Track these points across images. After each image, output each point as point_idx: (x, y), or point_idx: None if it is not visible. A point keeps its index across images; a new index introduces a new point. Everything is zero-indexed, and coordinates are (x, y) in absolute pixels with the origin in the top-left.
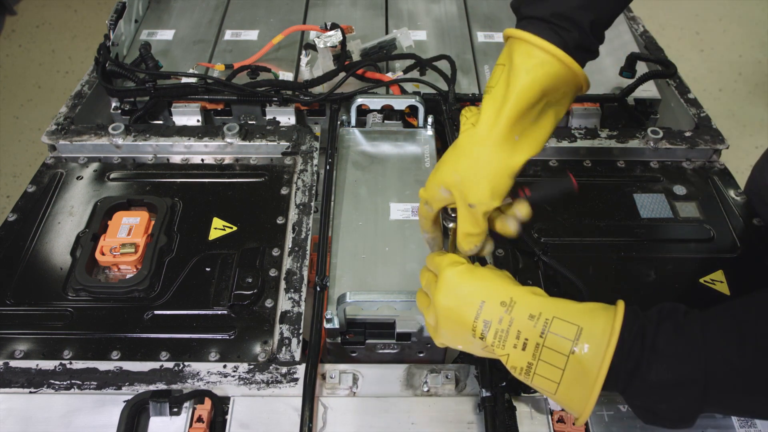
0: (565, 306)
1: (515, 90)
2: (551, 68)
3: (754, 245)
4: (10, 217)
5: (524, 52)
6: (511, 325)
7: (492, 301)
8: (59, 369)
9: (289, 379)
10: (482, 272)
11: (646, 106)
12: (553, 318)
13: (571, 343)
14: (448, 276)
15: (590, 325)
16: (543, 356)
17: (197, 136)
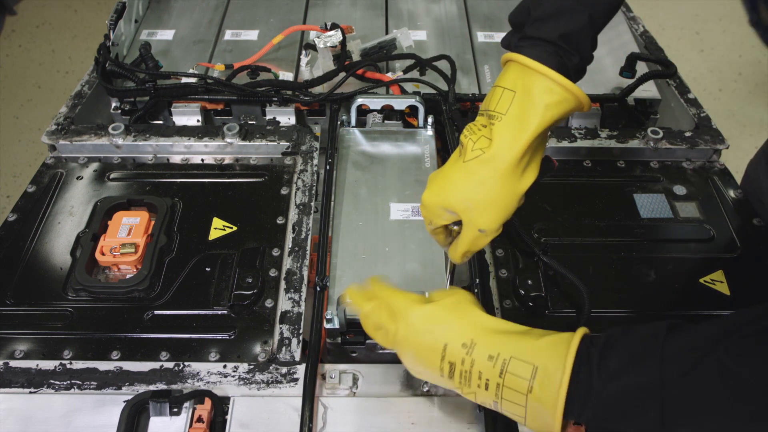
0: (523, 344)
1: (534, 124)
2: (569, 105)
3: (754, 245)
4: (10, 217)
5: (545, 88)
6: (472, 366)
7: (454, 343)
8: (59, 369)
9: (289, 379)
10: (443, 314)
11: (646, 106)
12: (510, 358)
13: (528, 382)
14: (412, 321)
15: (545, 363)
16: (505, 395)
17: (197, 136)
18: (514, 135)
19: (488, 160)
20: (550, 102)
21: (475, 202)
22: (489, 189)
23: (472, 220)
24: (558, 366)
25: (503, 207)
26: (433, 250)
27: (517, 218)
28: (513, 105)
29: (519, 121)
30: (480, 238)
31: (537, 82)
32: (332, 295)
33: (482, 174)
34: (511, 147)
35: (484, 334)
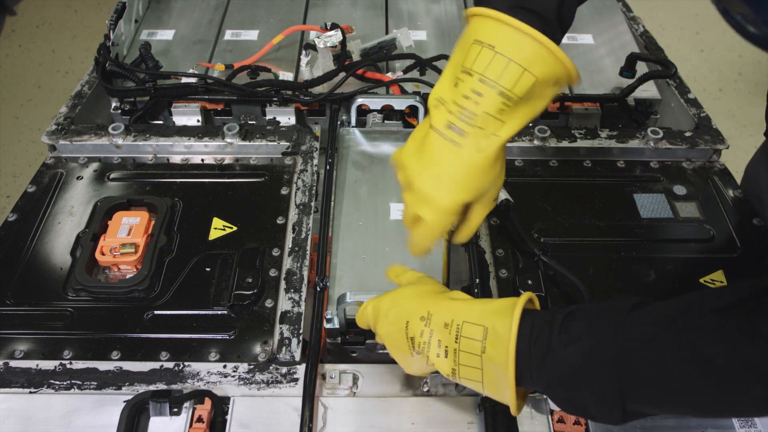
0: (474, 308)
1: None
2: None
3: (754, 245)
4: (10, 217)
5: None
6: (431, 336)
7: (413, 318)
8: (59, 369)
9: (289, 379)
10: (402, 294)
11: (646, 106)
12: (463, 322)
13: (480, 343)
14: (381, 308)
15: (494, 323)
16: (461, 360)
17: (197, 136)
18: (525, 118)
19: (498, 144)
20: (555, 89)
21: (492, 183)
22: (500, 164)
23: (488, 202)
24: (506, 324)
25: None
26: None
27: (517, 218)
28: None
29: (531, 105)
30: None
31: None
32: (332, 295)
33: (494, 157)
34: (517, 129)
35: (439, 305)
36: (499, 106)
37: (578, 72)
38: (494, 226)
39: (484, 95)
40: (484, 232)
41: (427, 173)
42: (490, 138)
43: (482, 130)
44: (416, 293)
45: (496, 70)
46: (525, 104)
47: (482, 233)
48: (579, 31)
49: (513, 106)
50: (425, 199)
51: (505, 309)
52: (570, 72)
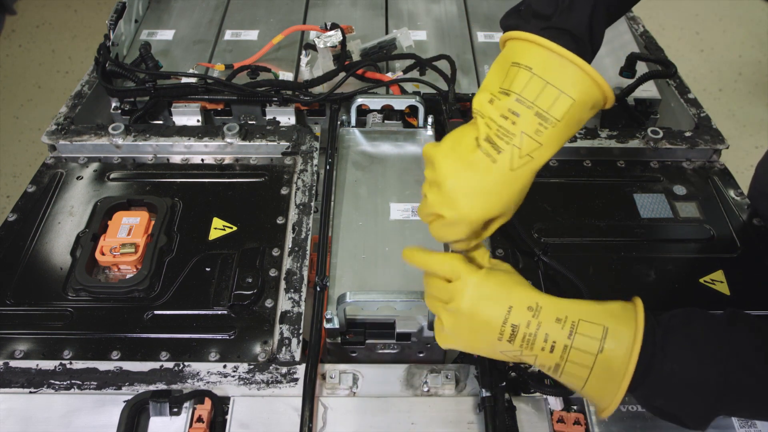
0: (588, 308)
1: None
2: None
3: (754, 245)
4: (10, 217)
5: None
6: (539, 328)
7: (519, 306)
8: (59, 369)
9: (289, 379)
10: (504, 277)
11: (646, 106)
12: (579, 320)
13: (599, 342)
14: (473, 282)
15: (615, 325)
16: (571, 357)
17: (197, 136)
18: (561, 141)
19: (533, 166)
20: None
21: (517, 205)
22: (527, 188)
23: (506, 218)
24: (629, 328)
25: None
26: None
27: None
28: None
29: (567, 128)
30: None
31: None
32: (332, 295)
33: (527, 179)
34: (552, 153)
35: (548, 299)
36: (536, 127)
37: (614, 94)
38: None
39: (521, 115)
40: None
41: (462, 180)
42: (524, 158)
43: (519, 150)
44: (516, 280)
45: (534, 92)
46: (563, 129)
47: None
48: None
49: (550, 128)
50: (452, 204)
51: (624, 312)
52: (606, 94)
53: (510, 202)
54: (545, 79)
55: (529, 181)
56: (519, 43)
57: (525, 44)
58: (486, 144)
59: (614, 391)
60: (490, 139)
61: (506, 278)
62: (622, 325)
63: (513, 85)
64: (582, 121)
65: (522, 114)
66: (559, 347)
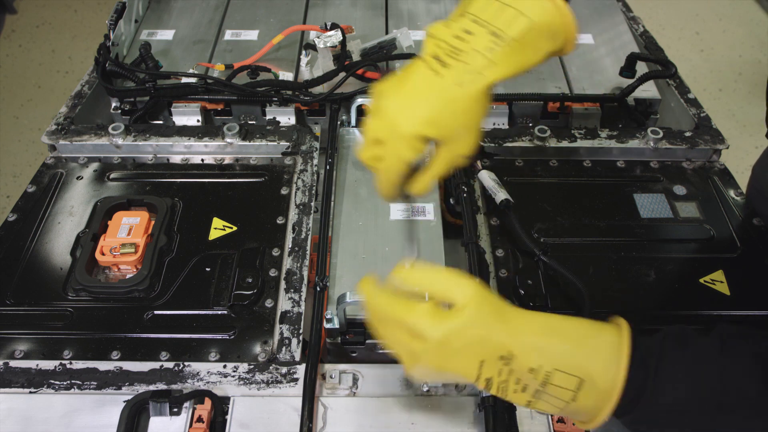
0: (566, 352)
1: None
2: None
3: (754, 245)
4: (10, 217)
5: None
6: (510, 375)
7: (491, 358)
8: (59, 369)
9: (289, 379)
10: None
11: (646, 106)
12: (553, 371)
13: (572, 393)
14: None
15: (591, 375)
16: (544, 399)
17: (197, 136)
18: (515, 66)
19: (482, 83)
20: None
21: (467, 128)
22: (479, 113)
23: (457, 148)
24: (606, 378)
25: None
26: (433, 250)
27: (517, 218)
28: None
29: (522, 50)
30: (458, 161)
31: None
32: (332, 295)
33: (474, 96)
34: (505, 74)
35: (521, 344)
36: (488, 44)
37: (576, 26)
38: (494, 226)
39: (475, 34)
40: (485, 232)
41: (399, 95)
42: (473, 74)
43: (466, 65)
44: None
45: (491, 12)
46: (518, 50)
47: (482, 233)
48: (579, 31)
49: (505, 47)
50: (388, 121)
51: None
52: (567, 22)
53: (455, 122)
54: (505, 2)
55: (478, 103)
56: None
57: None
58: (432, 60)
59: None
60: (438, 57)
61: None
62: (600, 378)
63: (470, 6)
64: (539, 50)
65: (476, 32)
66: (531, 389)
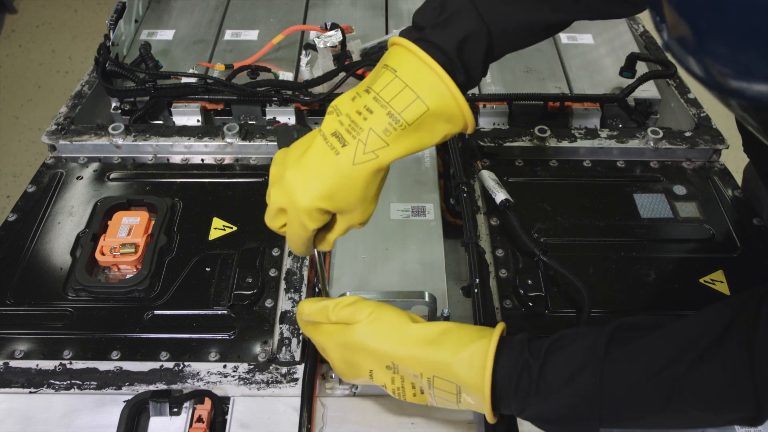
0: (441, 362)
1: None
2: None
3: (754, 245)
4: (10, 217)
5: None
6: (403, 381)
7: (378, 368)
8: (59, 369)
9: (289, 379)
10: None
11: (646, 106)
12: (433, 377)
13: (455, 397)
14: (332, 351)
15: (465, 381)
16: (437, 401)
17: (197, 136)
18: (410, 147)
19: (375, 164)
20: (448, 128)
21: (362, 202)
22: (373, 188)
23: (353, 218)
24: (478, 385)
25: (375, 199)
26: (433, 250)
27: (516, 218)
28: (416, 113)
29: (417, 134)
30: (356, 227)
31: (443, 97)
32: (332, 295)
33: (368, 175)
34: (399, 155)
35: (401, 355)
36: (384, 126)
37: (473, 117)
38: (494, 226)
39: (374, 113)
40: (485, 232)
41: (299, 170)
42: (368, 155)
43: (363, 145)
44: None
45: (391, 92)
46: (413, 133)
47: (482, 233)
48: (579, 31)
49: (400, 130)
50: (288, 193)
51: (477, 361)
52: (463, 111)
53: (350, 197)
54: (405, 82)
55: (373, 181)
56: (395, 48)
57: (399, 49)
58: (332, 138)
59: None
60: (338, 134)
61: (361, 338)
62: (472, 382)
63: (375, 84)
64: (436, 133)
65: (375, 111)
66: (426, 391)
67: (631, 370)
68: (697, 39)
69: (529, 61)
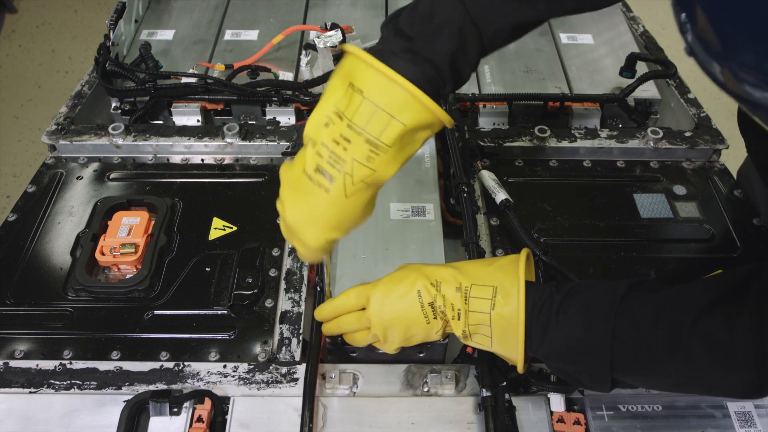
0: (480, 269)
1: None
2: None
3: (754, 245)
4: (10, 217)
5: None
6: (445, 300)
7: (424, 287)
8: (59, 369)
9: (289, 379)
10: (403, 272)
11: (646, 106)
12: (471, 285)
13: (490, 301)
14: (378, 296)
15: (502, 282)
16: (471, 320)
17: (197, 136)
18: (397, 165)
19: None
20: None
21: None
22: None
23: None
24: (513, 282)
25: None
26: (433, 250)
27: (516, 218)
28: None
29: (401, 151)
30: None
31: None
32: (332, 295)
33: (364, 202)
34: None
35: (443, 272)
36: (366, 154)
37: (451, 118)
38: (494, 226)
39: (352, 141)
40: (485, 232)
41: (297, 214)
42: (357, 185)
43: (350, 177)
44: (412, 269)
45: (364, 117)
46: (395, 152)
47: (482, 233)
48: (579, 31)
49: (382, 154)
50: (295, 236)
51: (509, 267)
52: (441, 117)
53: (354, 222)
54: (376, 103)
55: (370, 201)
56: (355, 61)
57: (360, 63)
58: (317, 175)
59: (515, 343)
60: (321, 169)
61: (405, 271)
62: (508, 280)
63: (347, 109)
64: (417, 141)
65: (353, 140)
66: (462, 314)
67: (641, 315)
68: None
69: (529, 61)
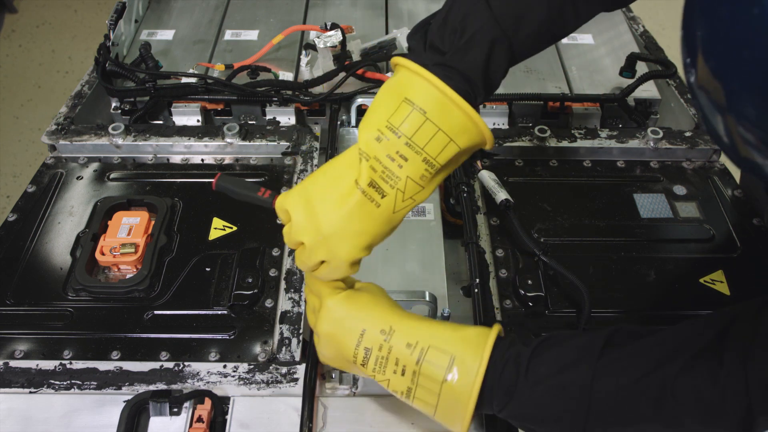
0: (441, 333)
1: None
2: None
3: (754, 245)
4: (10, 217)
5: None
6: (390, 352)
7: (372, 329)
8: (59, 369)
9: (289, 379)
10: (363, 299)
11: (646, 106)
12: (428, 347)
13: (444, 371)
14: (330, 304)
15: (462, 354)
16: (420, 382)
17: (197, 136)
18: (439, 182)
19: (411, 206)
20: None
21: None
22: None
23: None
24: (475, 357)
25: None
26: (433, 250)
27: (517, 218)
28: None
29: (446, 172)
30: None
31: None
32: None
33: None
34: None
35: (402, 322)
36: (421, 173)
37: (493, 139)
38: (494, 226)
39: (409, 160)
40: (485, 232)
41: (344, 228)
42: (406, 201)
43: (402, 193)
44: (377, 301)
45: (425, 138)
46: (443, 170)
47: (482, 233)
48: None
49: (434, 172)
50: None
51: (476, 340)
52: (488, 140)
53: (383, 239)
54: (437, 125)
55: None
56: (412, 76)
57: (418, 80)
58: (370, 189)
59: (461, 419)
60: (375, 184)
61: (366, 300)
62: (469, 354)
63: (403, 126)
64: (459, 162)
65: (410, 159)
66: (408, 372)
67: (623, 371)
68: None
69: (529, 61)
